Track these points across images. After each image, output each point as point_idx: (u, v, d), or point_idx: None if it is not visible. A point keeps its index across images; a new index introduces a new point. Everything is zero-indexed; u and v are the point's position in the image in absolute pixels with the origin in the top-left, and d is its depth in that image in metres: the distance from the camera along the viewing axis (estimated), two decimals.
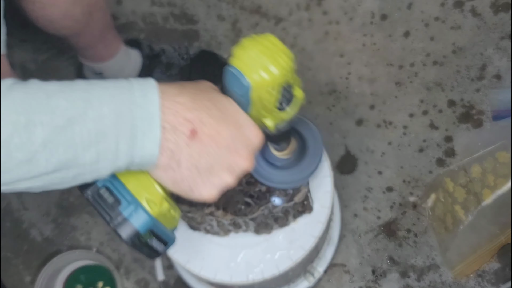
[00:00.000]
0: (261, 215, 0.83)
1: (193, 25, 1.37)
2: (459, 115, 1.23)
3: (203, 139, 0.55)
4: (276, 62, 0.58)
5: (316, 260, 1.02)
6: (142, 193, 0.59)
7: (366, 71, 1.29)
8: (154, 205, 0.59)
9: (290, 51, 0.60)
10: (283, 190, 0.84)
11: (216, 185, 0.58)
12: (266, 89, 0.59)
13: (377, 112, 1.26)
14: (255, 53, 0.58)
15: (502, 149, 1.09)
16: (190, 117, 0.54)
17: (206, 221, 0.84)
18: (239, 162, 0.59)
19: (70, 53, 1.36)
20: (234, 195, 0.83)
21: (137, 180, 0.59)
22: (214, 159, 0.57)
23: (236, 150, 0.58)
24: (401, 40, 1.30)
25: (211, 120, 0.56)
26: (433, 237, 1.15)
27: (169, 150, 0.54)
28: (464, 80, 1.25)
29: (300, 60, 1.32)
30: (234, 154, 0.58)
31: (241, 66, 0.58)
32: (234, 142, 0.58)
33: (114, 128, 0.50)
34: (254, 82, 0.58)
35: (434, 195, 1.15)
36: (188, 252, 0.88)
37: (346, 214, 1.18)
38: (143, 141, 0.52)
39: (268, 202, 0.83)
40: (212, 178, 0.58)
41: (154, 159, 0.54)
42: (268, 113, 0.62)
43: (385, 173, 1.21)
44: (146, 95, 0.53)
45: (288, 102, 0.63)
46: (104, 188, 0.59)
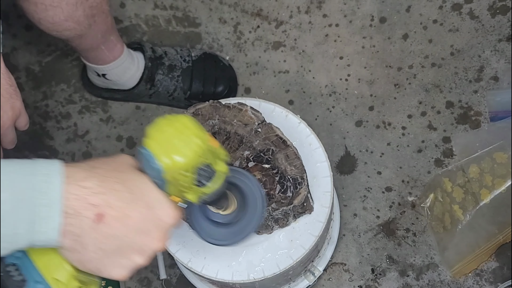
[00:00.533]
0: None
1: (195, 28, 1.37)
2: (457, 116, 1.24)
3: (110, 222, 0.55)
4: (187, 147, 0.58)
5: (316, 259, 1.02)
6: (50, 272, 0.57)
7: (365, 73, 1.30)
8: (62, 285, 0.57)
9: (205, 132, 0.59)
10: (281, 194, 0.85)
11: (126, 266, 0.58)
12: (179, 172, 0.58)
13: (376, 113, 1.26)
14: (167, 136, 0.58)
15: (499, 150, 1.09)
16: (96, 201, 0.54)
17: None
18: (149, 244, 0.57)
19: (74, 55, 1.37)
20: None
21: (46, 258, 0.57)
22: (123, 242, 0.56)
23: (147, 231, 0.57)
24: (400, 42, 1.31)
25: (119, 203, 0.55)
26: (432, 237, 1.15)
27: (73, 234, 0.53)
28: (462, 81, 1.26)
29: (300, 62, 1.32)
30: (144, 236, 0.57)
31: (153, 148, 0.58)
32: (145, 223, 0.57)
33: (12, 214, 0.50)
34: (166, 165, 0.57)
35: (432, 195, 1.15)
36: (190, 251, 0.88)
37: (346, 214, 1.19)
38: (42, 227, 0.52)
39: (268, 205, 0.83)
40: (121, 260, 0.57)
41: (54, 243, 0.53)
42: (187, 190, 0.61)
43: (384, 173, 1.22)
44: (49, 180, 0.52)
45: (208, 178, 0.62)
46: (11, 265, 0.57)
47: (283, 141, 0.88)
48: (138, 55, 1.23)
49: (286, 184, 0.85)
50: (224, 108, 0.90)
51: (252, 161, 0.87)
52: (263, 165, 0.87)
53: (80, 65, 1.34)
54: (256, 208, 0.77)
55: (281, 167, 0.86)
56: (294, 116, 0.94)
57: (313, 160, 0.91)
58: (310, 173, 0.88)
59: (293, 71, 1.32)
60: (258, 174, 0.86)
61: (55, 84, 1.36)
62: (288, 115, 0.94)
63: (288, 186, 0.85)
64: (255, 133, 0.88)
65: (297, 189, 0.85)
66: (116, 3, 1.40)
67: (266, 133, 0.88)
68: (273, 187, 0.85)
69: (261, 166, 0.87)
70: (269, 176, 0.86)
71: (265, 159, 0.87)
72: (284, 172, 0.86)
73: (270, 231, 0.88)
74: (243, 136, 0.88)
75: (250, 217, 0.77)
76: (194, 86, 1.26)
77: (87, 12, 1.00)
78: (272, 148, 0.87)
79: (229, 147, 0.88)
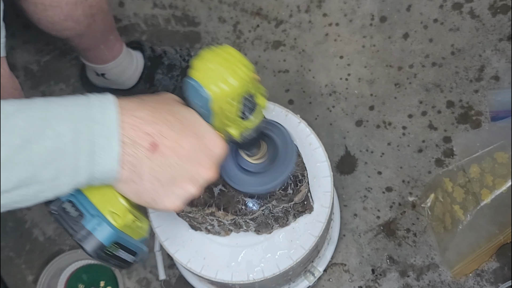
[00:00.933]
0: (262, 215, 0.83)
1: (194, 27, 1.37)
2: (458, 116, 1.23)
3: (164, 151, 0.56)
4: (235, 74, 0.58)
5: (316, 260, 1.02)
6: (105, 206, 0.59)
7: (365, 72, 1.29)
8: (118, 217, 0.59)
9: (249, 62, 0.60)
10: (282, 192, 0.84)
11: (180, 196, 0.59)
12: (226, 100, 0.59)
13: (376, 113, 1.26)
14: (214, 65, 0.58)
15: (500, 150, 1.08)
16: (150, 131, 0.55)
17: (207, 221, 0.84)
18: (201, 173, 0.59)
19: (73, 54, 1.36)
20: (235, 195, 0.83)
21: (100, 194, 0.59)
22: (176, 171, 0.57)
23: (198, 160, 0.59)
24: (400, 41, 1.30)
25: (171, 133, 0.56)
26: (432, 237, 1.15)
27: (130, 164, 0.55)
28: (463, 81, 1.25)
29: (300, 61, 1.32)
30: (196, 165, 0.58)
31: (201, 78, 0.58)
32: (196, 152, 0.58)
33: (73, 145, 0.51)
34: (214, 93, 0.58)
35: (433, 195, 1.15)
36: (189, 251, 0.88)
37: (346, 214, 1.18)
38: (103, 157, 0.53)
39: (268, 203, 0.83)
40: (175, 189, 0.58)
41: (114, 173, 0.54)
42: (231, 122, 0.62)
43: (385, 173, 1.21)
44: (105, 111, 0.53)
45: (251, 110, 0.63)
46: (67, 202, 0.59)
47: None
48: (137, 54, 1.22)
49: (287, 181, 0.84)
50: None
51: None
52: None
53: (79, 64, 1.34)
54: (286, 160, 0.77)
55: None
56: (294, 116, 0.94)
57: (313, 160, 0.90)
58: (310, 173, 0.88)
59: (293, 71, 1.31)
60: None
61: (54, 83, 1.35)
62: (288, 115, 0.94)
63: (288, 183, 0.84)
64: None
65: (298, 186, 0.84)
66: (115, 2, 1.39)
67: None
68: None
69: None
70: None
71: None
72: None
73: (270, 231, 0.88)
74: None
75: (280, 168, 0.76)
76: None
77: (86, 12, 0.99)
78: None
79: None
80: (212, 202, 0.82)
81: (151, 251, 1.16)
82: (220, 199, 0.82)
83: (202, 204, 0.82)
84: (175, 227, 0.89)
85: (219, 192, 0.82)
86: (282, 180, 0.76)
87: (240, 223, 0.85)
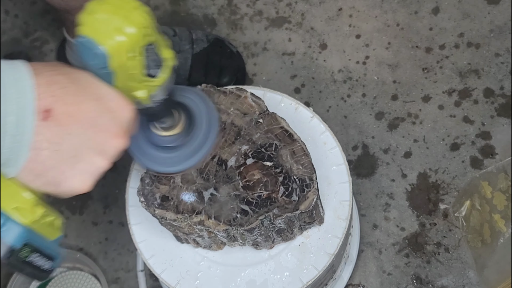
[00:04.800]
0: (260, 226, 0.83)
1: (181, 0, 1.37)
2: (498, 107, 1.23)
3: (60, 118, 0.56)
4: (131, 21, 0.58)
5: (331, 282, 1.02)
6: (9, 202, 0.58)
7: (387, 54, 1.29)
8: (25, 212, 0.59)
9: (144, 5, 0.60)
10: (285, 198, 0.84)
11: (87, 171, 0.59)
12: (126, 54, 0.59)
13: (400, 104, 1.26)
14: (104, 15, 0.58)
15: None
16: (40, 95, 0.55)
17: (194, 231, 0.84)
18: (110, 141, 0.60)
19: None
20: (228, 201, 0.82)
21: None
22: (79, 141, 0.58)
23: (103, 126, 0.59)
24: (429, 17, 1.30)
25: (66, 96, 0.56)
26: (468, 252, 1.15)
27: None
28: (504, 65, 1.25)
29: (308, 41, 1.31)
30: (101, 132, 0.59)
31: (91, 33, 0.58)
32: (99, 117, 0.59)
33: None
34: (110, 48, 0.58)
35: (468, 202, 1.15)
36: (179, 271, 0.88)
37: (364, 225, 1.18)
38: None
39: (268, 211, 0.82)
40: (81, 164, 0.59)
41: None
42: (137, 83, 0.62)
43: (410, 176, 1.21)
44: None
45: (157, 65, 0.63)
46: None
47: (289, 135, 0.87)
48: None
49: (291, 185, 0.84)
50: (219, 94, 0.90)
51: (251, 157, 0.86)
52: (264, 162, 0.86)
53: None
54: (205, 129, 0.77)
55: (285, 165, 0.86)
56: (306, 109, 0.94)
57: (328, 162, 0.90)
58: (324, 178, 0.88)
59: (300, 53, 1.31)
60: (257, 173, 0.86)
61: None
62: (298, 108, 0.94)
63: (293, 188, 0.84)
64: (255, 125, 0.88)
65: (305, 192, 0.84)
66: None
67: (269, 124, 0.88)
68: (276, 189, 0.85)
69: (261, 163, 0.86)
70: (271, 175, 0.85)
71: (266, 156, 0.86)
72: (289, 172, 0.85)
73: (271, 245, 0.87)
74: (241, 128, 0.88)
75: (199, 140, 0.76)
76: (194, 75, 1.25)
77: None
78: (275, 143, 0.86)
79: (224, 140, 0.87)
80: (201, 209, 0.82)
81: (132, 271, 1.16)
82: (210, 206, 0.82)
83: (189, 211, 0.82)
84: (162, 242, 0.89)
85: (210, 197, 0.82)
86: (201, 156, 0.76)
87: (235, 235, 0.85)
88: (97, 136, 0.59)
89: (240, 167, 0.84)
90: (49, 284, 1.22)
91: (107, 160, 0.60)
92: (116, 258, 1.21)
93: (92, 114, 0.58)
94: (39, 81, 0.55)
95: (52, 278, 1.22)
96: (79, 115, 0.57)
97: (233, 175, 0.84)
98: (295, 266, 0.86)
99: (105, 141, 0.59)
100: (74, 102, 0.57)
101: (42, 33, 1.36)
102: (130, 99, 0.63)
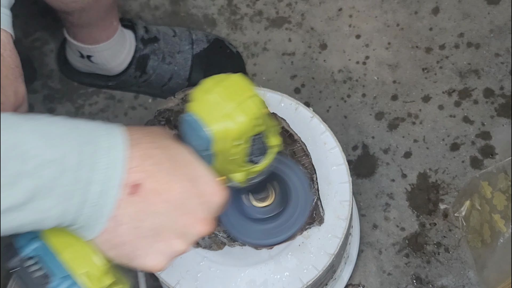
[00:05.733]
0: None
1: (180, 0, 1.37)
2: (498, 107, 1.23)
3: (147, 194, 0.54)
4: (243, 109, 0.57)
5: (331, 282, 1.02)
6: (80, 265, 0.57)
7: (387, 54, 1.29)
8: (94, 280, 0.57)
9: (259, 93, 0.59)
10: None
11: (163, 252, 0.57)
12: (231, 141, 0.57)
13: (400, 104, 1.26)
14: (218, 98, 0.57)
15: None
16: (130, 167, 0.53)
17: None
18: (193, 226, 0.57)
19: None
20: None
21: (73, 249, 0.57)
22: (162, 221, 0.55)
23: (190, 210, 0.56)
24: (429, 18, 1.30)
25: (158, 172, 0.55)
26: (468, 252, 1.15)
27: None
28: (504, 65, 1.25)
29: (308, 42, 1.31)
30: (187, 216, 0.56)
31: (200, 113, 0.57)
32: (188, 200, 0.56)
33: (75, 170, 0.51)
34: (216, 132, 0.57)
35: (468, 202, 1.15)
36: (179, 271, 0.88)
37: (364, 225, 1.18)
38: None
39: None
40: (158, 244, 0.56)
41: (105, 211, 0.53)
42: (237, 167, 0.61)
43: (410, 176, 1.21)
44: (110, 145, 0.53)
45: (261, 153, 0.62)
46: (31, 259, 0.57)
47: (290, 135, 0.88)
48: (129, 34, 1.22)
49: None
50: None
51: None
52: None
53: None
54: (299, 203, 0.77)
55: None
56: (306, 109, 0.94)
57: (328, 162, 0.90)
58: (324, 178, 0.88)
59: (300, 53, 1.31)
60: None
61: None
62: (298, 108, 0.94)
63: None
64: None
65: None
66: None
67: None
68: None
69: None
70: None
71: None
72: None
73: (271, 246, 0.87)
74: None
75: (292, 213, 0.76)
76: (194, 75, 1.25)
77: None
78: None
79: None
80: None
81: (132, 271, 1.16)
82: None
83: None
84: None
85: None
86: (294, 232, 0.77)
87: None
88: (182, 219, 0.56)
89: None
90: None
91: (186, 244, 0.57)
92: None
93: (182, 195, 0.56)
94: (134, 153, 0.53)
95: None
96: (167, 194, 0.55)
97: None
98: (295, 266, 0.86)
99: (189, 225, 0.56)
100: (165, 180, 0.55)
101: (42, 33, 1.36)
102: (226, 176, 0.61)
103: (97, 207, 0.52)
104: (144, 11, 1.37)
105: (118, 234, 0.55)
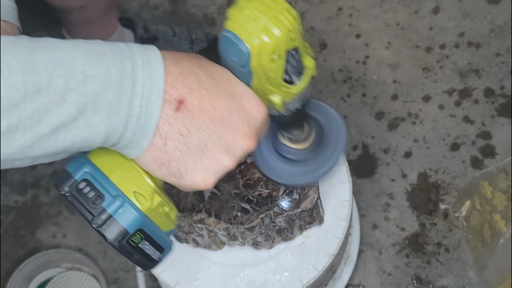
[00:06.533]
0: (261, 225, 0.83)
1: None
2: (499, 107, 1.23)
3: (192, 110, 0.55)
4: (279, 22, 0.57)
5: (330, 282, 1.02)
6: (129, 185, 0.59)
7: (387, 54, 1.29)
8: (143, 199, 0.59)
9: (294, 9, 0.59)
10: (286, 195, 0.84)
11: (212, 168, 0.58)
12: (269, 56, 0.58)
13: (400, 103, 1.26)
14: (253, 13, 0.58)
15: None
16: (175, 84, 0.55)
17: (195, 230, 0.84)
18: (238, 140, 0.58)
19: None
20: (229, 200, 0.82)
21: (121, 171, 0.59)
22: (208, 136, 0.57)
23: (234, 125, 0.58)
24: (429, 17, 1.30)
25: (201, 89, 0.56)
26: (468, 253, 1.15)
27: None
28: (505, 65, 1.25)
29: (308, 41, 1.31)
30: (231, 131, 0.58)
31: (238, 29, 0.58)
32: (231, 115, 0.58)
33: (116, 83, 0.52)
34: (254, 46, 0.58)
35: (469, 202, 1.15)
36: (178, 271, 0.88)
37: (364, 225, 1.18)
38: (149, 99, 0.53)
39: (269, 209, 0.82)
40: (206, 160, 0.58)
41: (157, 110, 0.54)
42: (274, 87, 0.62)
43: (411, 176, 1.21)
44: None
45: (297, 72, 0.62)
46: (83, 181, 0.58)
47: None
48: (128, 33, 1.23)
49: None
50: None
51: (251, 155, 0.86)
52: None
53: None
54: (333, 146, 0.77)
55: None
56: None
57: None
58: (324, 178, 0.87)
59: None
60: (258, 171, 0.85)
61: None
62: None
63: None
64: None
65: (306, 190, 0.84)
66: None
67: None
68: (277, 187, 0.85)
69: None
70: None
71: None
72: None
73: (271, 245, 0.87)
74: None
75: (327, 156, 0.76)
76: None
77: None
78: None
79: None
80: (202, 207, 0.82)
81: (131, 271, 1.16)
82: (211, 204, 0.82)
83: (189, 209, 0.82)
84: None
85: (210, 195, 0.82)
86: (328, 169, 0.76)
87: (235, 234, 0.84)
88: (227, 134, 0.57)
89: (240, 166, 0.84)
90: (48, 284, 1.22)
91: (232, 160, 0.58)
92: (116, 258, 1.21)
93: (225, 111, 0.57)
94: (174, 70, 0.55)
95: (51, 279, 1.23)
96: (211, 110, 0.56)
97: (234, 174, 0.84)
98: (295, 266, 0.86)
99: (234, 140, 0.58)
100: (208, 96, 0.56)
101: (42, 33, 1.36)
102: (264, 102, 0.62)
103: (142, 120, 0.53)
104: (143, 10, 1.37)
105: (165, 151, 0.56)
